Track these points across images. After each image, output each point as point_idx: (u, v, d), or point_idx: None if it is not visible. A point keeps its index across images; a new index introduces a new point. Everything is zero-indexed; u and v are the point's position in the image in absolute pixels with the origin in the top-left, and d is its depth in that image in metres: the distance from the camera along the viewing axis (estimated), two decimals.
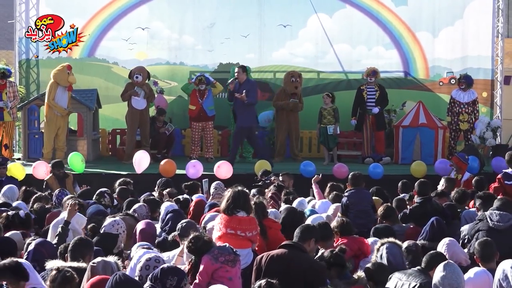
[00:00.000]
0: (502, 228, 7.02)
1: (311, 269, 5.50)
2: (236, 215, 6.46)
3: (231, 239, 6.30)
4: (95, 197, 9.07)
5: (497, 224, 7.03)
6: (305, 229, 6.04)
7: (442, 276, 5.01)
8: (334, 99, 14.23)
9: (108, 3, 15.66)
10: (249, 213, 6.56)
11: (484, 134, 13.97)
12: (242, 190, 6.65)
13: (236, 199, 6.49)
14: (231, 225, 6.42)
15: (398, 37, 16.03)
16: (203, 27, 15.87)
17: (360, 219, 8.30)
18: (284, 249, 5.69)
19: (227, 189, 6.94)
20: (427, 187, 8.83)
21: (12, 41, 16.69)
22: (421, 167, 12.74)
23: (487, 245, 6.01)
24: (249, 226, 6.46)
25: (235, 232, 6.40)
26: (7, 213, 7.63)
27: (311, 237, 5.94)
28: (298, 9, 15.85)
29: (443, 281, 5.00)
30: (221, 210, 6.64)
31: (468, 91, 14.45)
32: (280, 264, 5.59)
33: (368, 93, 14.30)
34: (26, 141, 13.90)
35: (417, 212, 8.27)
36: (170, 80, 15.78)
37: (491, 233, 6.91)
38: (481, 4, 15.90)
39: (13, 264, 4.70)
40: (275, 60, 16.00)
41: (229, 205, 6.47)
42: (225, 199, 6.59)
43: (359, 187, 8.97)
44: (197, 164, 12.12)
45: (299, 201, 8.78)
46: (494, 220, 7.06)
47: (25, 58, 15.52)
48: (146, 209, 8.14)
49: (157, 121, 14.42)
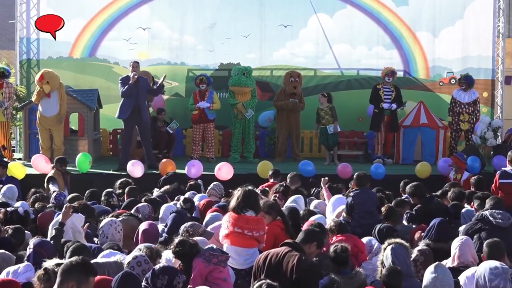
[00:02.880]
0: (505, 225, 7.14)
1: (297, 267, 5.48)
2: (244, 214, 6.51)
3: (238, 238, 6.35)
4: (104, 197, 9.06)
5: (501, 222, 7.13)
6: (309, 232, 6.07)
7: (434, 278, 5.03)
8: (330, 98, 14.21)
9: (109, 3, 15.69)
10: (258, 213, 6.61)
11: (485, 134, 13.96)
12: (253, 189, 6.72)
13: (246, 198, 6.55)
14: (239, 224, 6.47)
15: (398, 37, 16.04)
16: (204, 27, 15.90)
17: (365, 220, 8.32)
18: (282, 248, 5.69)
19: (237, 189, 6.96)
20: (422, 188, 8.89)
21: (13, 41, 16.70)
22: (425, 168, 12.73)
23: (495, 245, 6.01)
24: (256, 226, 6.49)
25: (242, 231, 6.45)
26: (6, 209, 7.68)
27: (312, 240, 5.95)
28: (298, 10, 15.87)
29: (434, 282, 5.01)
30: (230, 209, 6.68)
31: (469, 91, 14.43)
32: (274, 263, 5.58)
33: (384, 92, 14.25)
34: (27, 141, 13.91)
35: (422, 212, 8.33)
36: (171, 80, 15.79)
37: (494, 231, 6.99)
38: (481, 4, 15.94)
39: (79, 261, 4.59)
40: (275, 60, 16.02)
41: (239, 203, 6.53)
42: (235, 197, 6.64)
43: (364, 187, 8.96)
44: (196, 164, 12.11)
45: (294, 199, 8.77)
46: (497, 219, 7.16)
47: (26, 58, 15.55)
48: (149, 209, 8.13)
49: (158, 121, 14.43)
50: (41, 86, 12.96)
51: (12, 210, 7.63)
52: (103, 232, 6.82)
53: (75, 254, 5.68)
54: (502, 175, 9.85)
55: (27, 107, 13.84)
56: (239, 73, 14.29)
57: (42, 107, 13.07)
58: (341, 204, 8.74)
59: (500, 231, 7.00)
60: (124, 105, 12.95)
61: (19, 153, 14.85)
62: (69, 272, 4.46)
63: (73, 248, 5.81)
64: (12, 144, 15.12)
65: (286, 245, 5.74)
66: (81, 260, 4.57)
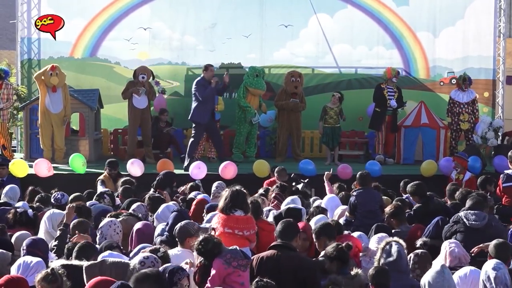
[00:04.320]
0: (479, 227, 7.07)
1: (300, 267, 5.47)
2: (233, 214, 6.46)
3: (229, 238, 6.28)
4: (95, 198, 9.08)
5: (474, 224, 7.07)
6: (287, 227, 6.00)
7: (441, 277, 5.03)
8: (342, 100, 14.19)
9: (110, 3, 15.68)
10: (247, 213, 6.57)
11: (486, 134, 13.96)
12: (241, 189, 6.64)
13: (234, 198, 6.49)
14: (229, 224, 6.42)
15: (399, 37, 16.05)
16: (204, 27, 15.91)
17: (368, 219, 8.32)
18: (274, 250, 5.64)
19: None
20: (423, 187, 8.86)
21: (14, 41, 16.69)
22: (431, 166, 12.76)
23: (502, 246, 6.00)
24: (246, 225, 6.45)
25: (232, 231, 6.39)
26: (16, 210, 7.63)
27: (296, 233, 5.94)
28: (299, 9, 15.87)
29: (442, 282, 5.02)
30: (218, 209, 6.63)
31: (467, 91, 14.43)
32: (270, 266, 5.55)
33: (388, 92, 14.24)
34: (28, 141, 13.91)
35: (421, 211, 8.32)
36: (172, 80, 15.80)
37: (469, 233, 6.99)
38: (482, 4, 15.95)
39: (155, 273, 4.66)
40: (276, 60, 16.02)
41: (227, 204, 6.48)
42: (223, 198, 6.58)
43: (367, 186, 8.97)
44: (202, 166, 12.09)
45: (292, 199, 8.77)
46: (471, 220, 7.10)
47: (27, 58, 15.55)
48: (144, 209, 8.11)
49: (160, 121, 14.43)
50: (48, 79, 13.04)
51: (22, 212, 7.58)
52: (102, 232, 6.80)
53: (81, 252, 5.70)
54: (505, 179, 9.84)
55: (28, 107, 13.85)
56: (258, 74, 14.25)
57: (48, 103, 13.10)
58: (335, 204, 8.72)
59: (475, 233, 6.99)
60: (203, 108, 13.05)
61: (20, 153, 14.85)
62: (143, 282, 4.56)
63: (78, 247, 5.81)
64: (13, 144, 15.14)
65: (276, 247, 5.67)
66: (156, 272, 4.68)
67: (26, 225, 7.38)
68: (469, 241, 6.84)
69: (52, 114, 13.18)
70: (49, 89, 13.21)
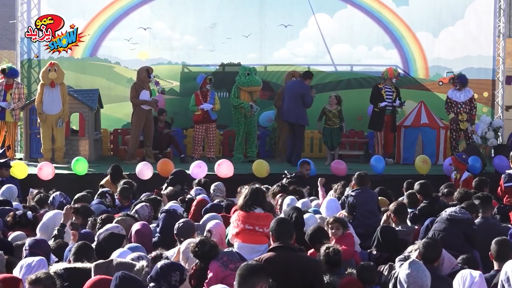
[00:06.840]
0: (458, 218, 6.80)
1: (308, 268, 5.46)
2: (253, 212, 6.59)
3: (249, 235, 6.43)
4: (97, 196, 9.07)
5: (452, 214, 6.82)
6: (284, 226, 5.78)
7: (407, 274, 5.00)
8: (340, 101, 14.20)
9: (110, 3, 15.70)
10: (266, 210, 6.73)
11: (485, 134, 13.95)
12: (260, 187, 6.86)
13: (253, 196, 6.65)
14: (249, 221, 6.55)
15: (398, 37, 16.05)
16: (204, 27, 15.91)
17: (369, 220, 8.33)
18: (273, 252, 5.51)
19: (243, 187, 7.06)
20: (429, 187, 8.81)
21: (14, 41, 16.70)
22: (424, 163, 12.76)
23: (504, 244, 5.93)
24: (266, 222, 6.48)
25: (253, 228, 6.53)
26: (15, 212, 7.66)
27: (293, 232, 5.77)
28: (299, 9, 15.87)
29: (408, 279, 4.99)
30: (237, 207, 6.77)
31: (463, 90, 14.33)
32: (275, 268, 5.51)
33: (386, 92, 14.24)
34: (28, 141, 13.92)
35: (426, 212, 8.22)
36: (172, 80, 15.81)
37: (444, 223, 6.80)
38: (482, 4, 15.93)
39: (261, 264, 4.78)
40: (276, 60, 16.03)
41: (247, 201, 6.63)
42: (242, 196, 6.74)
43: (365, 186, 8.92)
44: (202, 165, 12.10)
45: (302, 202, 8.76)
46: (449, 212, 6.87)
47: (27, 58, 15.57)
48: (148, 209, 8.06)
49: (159, 121, 14.43)
50: (46, 75, 13.10)
51: (21, 214, 7.60)
52: None
53: (79, 253, 5.69)
54: (507, 179, 9.83)
55: (28, 107, 13.85)
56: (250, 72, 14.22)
57: (45, 105, 13.12)
58: (335, 206, 8.64)
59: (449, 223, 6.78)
60: (306, 112, 13.76)
61: (20, 153, 14.86)
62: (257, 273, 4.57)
63: (75, 248, 5.82)
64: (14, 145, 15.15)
65: (277, 248, 5.57)
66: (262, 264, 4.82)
67: (26, 227, 7.38)
68: (446, 231, 6.69)
69: (51, 116, 13.16)
70: (48, 87, 13.20)
